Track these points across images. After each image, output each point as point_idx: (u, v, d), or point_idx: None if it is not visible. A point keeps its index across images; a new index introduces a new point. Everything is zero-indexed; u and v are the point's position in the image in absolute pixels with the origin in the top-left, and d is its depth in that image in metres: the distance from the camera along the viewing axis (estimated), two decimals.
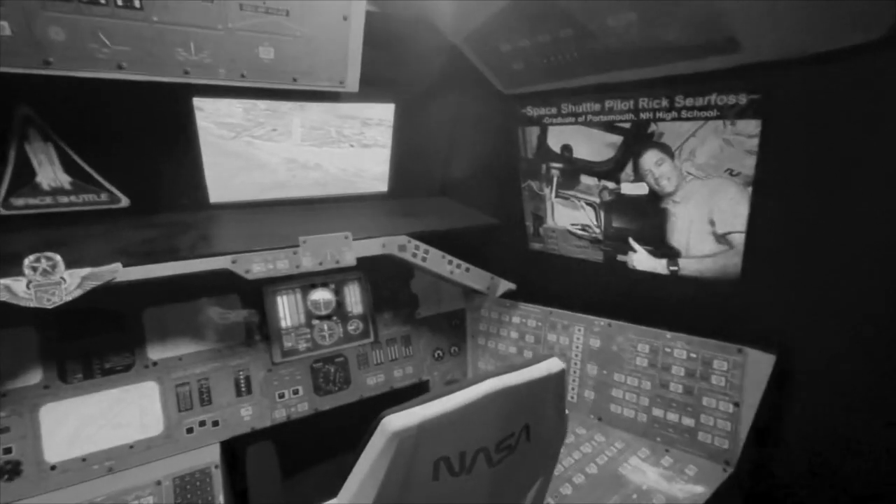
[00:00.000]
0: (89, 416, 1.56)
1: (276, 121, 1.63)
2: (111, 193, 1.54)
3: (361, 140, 1.89)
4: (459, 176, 2.21)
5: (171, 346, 1.71)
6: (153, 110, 1.46)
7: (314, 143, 1.78)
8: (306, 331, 1.97)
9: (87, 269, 1.30)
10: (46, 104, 1.32)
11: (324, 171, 1.91)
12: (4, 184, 1.37)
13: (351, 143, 1.87)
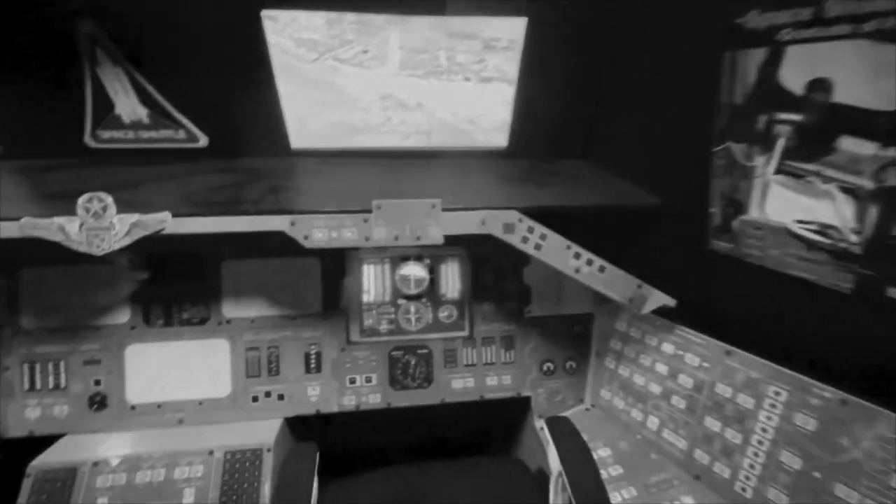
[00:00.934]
0: (167, 364, 1.52)
1: (368, 39, 1.23)
2: (189, 131, 1.37)
3: (480, 71, 1.38)
4: (611, 131, 1.55)
5: (245, 305, 1.57)
6: (220, 27, 1.20)
7: (416, 73, 1.33)
8: (390, 310, 1.65)
9: (136, 216, 1.14)
10: (107, 17, 1.15)
11: (428, 112, 1.47)
12: (88, 113, 1.28)
13: (467, 74, 1.37)
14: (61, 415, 1.46)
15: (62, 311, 1.48)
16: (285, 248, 1.49)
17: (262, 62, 1.24)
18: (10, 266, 1.46)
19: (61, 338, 1.48)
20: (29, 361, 1.46)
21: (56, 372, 1.47)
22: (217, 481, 1.35)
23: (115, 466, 1.34)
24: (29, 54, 1.16)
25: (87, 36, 1.14)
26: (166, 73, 1.27)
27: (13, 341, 1.46)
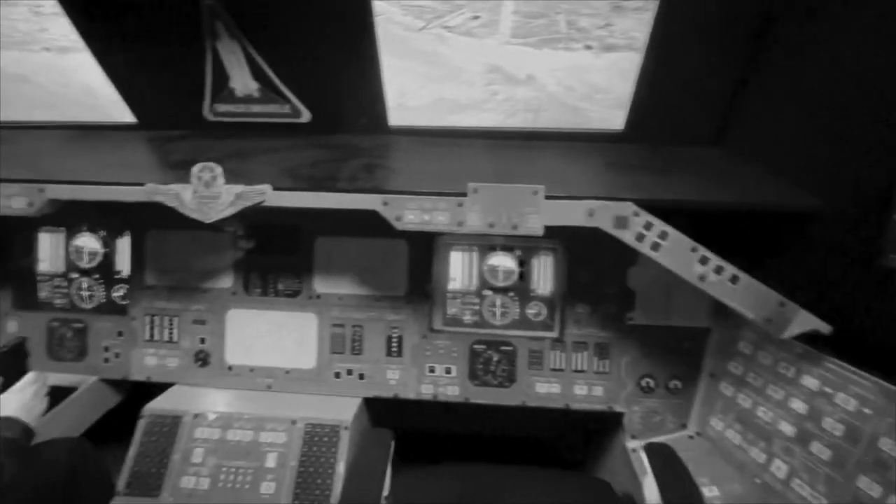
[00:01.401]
0: (261, 331, 1.59)
1: (481, 3, 1.11)
2: (293, 106, 1.39)
3: (606, 38, 1.17)
4: (756, 114, 1.28)
5: (335, 281, 1.58)
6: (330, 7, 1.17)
7: (529, 41, 1.17)
8: (475, 301, 1.57)
9: (240, 187, 1.17)
10: None
11: (538, 87, 1.30)
12: (208, 87, 1.34)
13: (588, 41, 1.17)
14: (172, 366, 1.61)
15: (178, 271, 1.62)
16: (377, 227, 1.47)
17: (366, 32, 1.19)
18: (140, 227, 1.62)
19: (176, 296, 1.61)
20: (150, 314, 1.62)
21: (170, 327, 1.61)
22: (297, 451, 1.38)
23: (211, 421, 1.44)
24: (160, 28, 1.23)
25: (209, 9, 1.18)
26: (277, 47, 1.28)
27: (140, 294, 1.62)
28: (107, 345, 1.64)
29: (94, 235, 1.67)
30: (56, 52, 1.31)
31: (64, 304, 1.67)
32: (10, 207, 1.25)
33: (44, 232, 1.67)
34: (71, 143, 1.53)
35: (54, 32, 1.26)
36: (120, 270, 1.66)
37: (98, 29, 1.27)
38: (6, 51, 1.34)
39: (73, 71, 1.37)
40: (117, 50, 1.31)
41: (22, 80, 1.40)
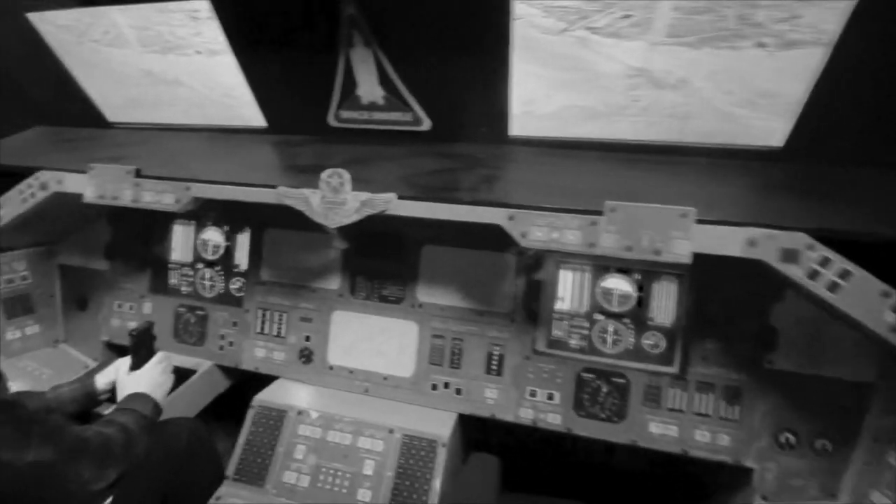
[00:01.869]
0: (363, 335, 1.61)
1: (635, 1, 1.01)
2: (415, 114, 1.38)
3: (786, 33, 0.99)
4: None
5: (439, 292, 1.56)
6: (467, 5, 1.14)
7: (687, 40, 1.04)
8: (585, 325, 1.46)
9: (366, 195, 1.17)
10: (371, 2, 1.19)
11: (690, 91, 1.15)
12: (336, 94, 1.37)
13: (762, 38, 1.00)
14: (278, 359, 1.67)
15: (291, 270, 1.68)
16: (485, 240, 1.42)
17: (501, 38, 1.15)
18: (259, 225, 1.71)
19: (287, 293, 1.68)
20: (262, 308, 1.70)
21: (280, 322, 1.68)
22: (393, 462, 1.37)
23: (313, 419, 1.47)
24: (299, 35, 1.28)
25: (349, 18, 1.20)
26: (408, 56, 1.28)
27: (254, 289, 1.71)
28: (223, 333, 1.75)
29: (218, 230, 1.79)
30: (206, 55, 1.41)
31: (189, 292, 1.81)
32: (160, 203, 1.36)
33: (177, 224, 1.83)
34: (208, 144, 1.66)
35: (207, 36, 1.36)
36: (238, 264, 1.77)
37: (244, 33, 1.35)
38: (164, 55, 1.48)
39: (218, 73, 1.48)
40: (258, 54, 1.39)
41: (176, 83, 1.54)
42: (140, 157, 1.55)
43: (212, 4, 1.27)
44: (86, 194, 1.42)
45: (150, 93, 1.61)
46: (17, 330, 1.82)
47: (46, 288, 1.89)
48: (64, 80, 1.66)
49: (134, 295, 1.85)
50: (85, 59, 1.58)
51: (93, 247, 1.88)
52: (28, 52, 1.60)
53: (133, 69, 1.55)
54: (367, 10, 1.20)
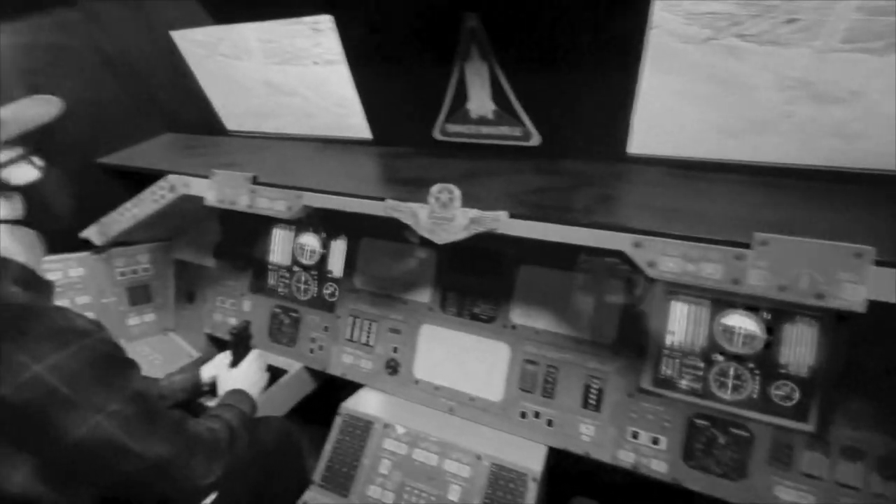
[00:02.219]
0: (450, 351, 1.57)
1: (803, 2, 0.88)
2: (525, 129, 1.33)
3: None
4: None
5: (534, 314, 1.48)
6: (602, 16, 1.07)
7: (868, 47, 0.89)
8: (699, 365, 1.31)
9: (476, 212, 1.13)
10: (493, 14, 1.15)
11: (864, 106, 0.98)
12: (445, 107, 1.36)
13: None
14: (365, 368, 1.68)
15: (383, 280, 1.69)
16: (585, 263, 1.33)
17: (633, 50, 1.06)
18: (355, 233, 1.75)
19: (378, 302, 1.69)
20: (353, 316, 1.73)
21: (369, 331, 1.69)
22: (480, 490, 1.30)
23: (399, 435, 1.44)
24: (414, 47, 1.28)
25: (469, 31, 1.18)
26: (526, 69, 1.24)
27: (346, 296, 1.74)
28: (314, 336, 1.79)
29: (316, 235, 1.85)
30: (322, 65, 1.46)
31: (285, 293, 1.89)
32: (272, 209, 1.42)
33: (278, 228, 1.92)
34: (316, 153, 1.72)
35: (325, 47, 1.40)
36: (331, 270, 1.82)
37: (360, 45, 1.38)
38: (283, 66, 1.55)
39: (331, 84, 1.53)
40: (370, 66, 1.41)
41: (293, 93, 1.61)
42: (253, 163, 1.64)
43: (334, 18, 1.31)
44: (207, 198, 1.52)
45: (267, 103, 1.71)
46: (138, 316, 2.00)
47: (163, 280, 2.07)
48: (193, 91, 1.80)
49: (235, 292, 1.96)
50: (213, 71, 1.71)
51: (203, 245, 2.03)
52: (166, 66, 1.76)
53: (254, 80, 1.64)
54: (490, 22, 1.17)
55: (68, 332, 0.83)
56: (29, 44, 1.67)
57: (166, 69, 1.79)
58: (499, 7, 1.14)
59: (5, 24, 1.62)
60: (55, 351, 0.79)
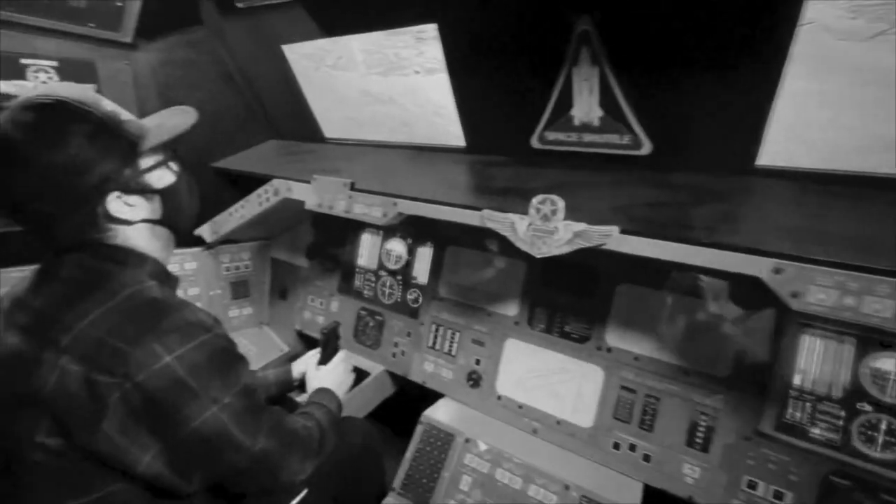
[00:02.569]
0: (536, 369, 1.50)
1: None
2: (635, 136, 1.23)
3: None
4: None
5: (632, 337, 1.36)
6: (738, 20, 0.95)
7: None
8: (839, 413, 1.12)
9: (582, 225, 1.05)
10: (608, 16, 1.08)
11: None
12: (546, 114, 1.30)
13: None
14: (446, 377, 1.66)
15: (468, 289, 1.66)
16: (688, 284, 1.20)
17: (777, 49, 0.93)
18: (442, 241, 1.74)
19: (462, 312, 1.66)
20: (436, 323, 1.71)
21: (451, 340, 1.67)
22: None
23: (481, 451, 1.40)
24: (520, 51, 1.24)
25: (581, 34, 1.11)
26: (640, 74, 1.14)
27: (430, 303, 1.74)
28: (397, 341, 1.81)
29: (402, 241, 1.87)
30: (423, 74, 1.47)
31: (370, 296, 1.93)
32: (368, 215, 1.45)
33: (366, 233, 1.97)
34: (409, 160, 1.74)
35: (428, 55, 1.41)
36: (416, 276, 1.82)
37: (462, 52, 1.36)
38: (385, 76, 1.58)
39: (431, 92, 1.53)
40: (471, 73, 1.39)
41: (390, 101, 1.65)
42: (350, 170, 1.69)
43: (437, 26, 1.31)
44: (308, 201, 1.59)
45: (364, 112, 1.76)
46: (237, 309, 2.15)
47: (260, 276, 2.21)
48: (297, 100, 1.91)
49: (324, 292, 2.04)
50: (317, 82, 1.80)
51: (297, 245, 2.14)
52: (275, 77, 1.88)
53: (354, 90, 1.70)
54: (604, 25, 1.09)
55: (194, 326, 0.88)
56: (164, 60, 1.87)
57: (275, 80, 1.91)
58: (616, 8, 1.06)
59: (145, 44, 1.83)
60: (182, 343, 0.85)
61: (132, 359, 0.80)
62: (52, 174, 0.82)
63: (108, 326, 0.82)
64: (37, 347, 0.80)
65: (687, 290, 1.29)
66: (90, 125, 0.85)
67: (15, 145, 0.80)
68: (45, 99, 0.83)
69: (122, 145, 0.90)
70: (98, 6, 1.62)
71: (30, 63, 1.61)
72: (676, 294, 1.30)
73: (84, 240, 0.90)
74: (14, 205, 0.84)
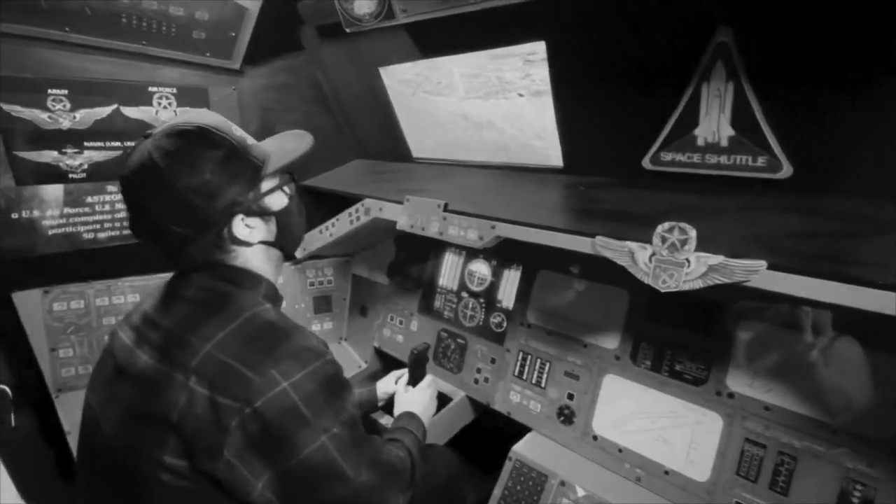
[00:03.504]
0: (641, 410, 1.36)
1: None
2: (773, 158, 1.09)
3: None
4: None
5: (762, 384, 1.20)
6: None
7: None
8: None
9: (719, 258, 0.93)
10: (751, 29, 0.97)
11: None
12: (664, 133, 1.20)
13: None
14: (534, 411, 1.56)
15: (561, 318, 1.57)
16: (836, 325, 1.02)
17: None
18: (532, 264, 1.66)
19: (553, 341, 1.56)
20: (523, 351, 1.63)
21: (541, 371, 1.57)
22: None
23: (579, 498, 1.28)
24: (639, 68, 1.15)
25: (717, 47, 1.01)
26: (785, 88, 1.01)
27: (517, 329, 1.66)
28: (480, 367, 1.74)
29: (486, 263, 1.81)
30: (528, 97, 1.42)
31: (451, 318, 1.88)
32: (463, 238, 1.40)
33: (449, 252, 1.93)
34: (501, 181, 1.69)
35: (535, 77, 1.36)
36: (501, 300, 1.75)
37: (569, 68, 1.30)
38: (485, 100, 1.55)
39: (534, 114, 1.47)
40: (577, 90, 1.32)
41: (488, 125, 1.61)
42: (439, 190, 1.67)
43: (546, 44, 1.25)
44: (399, 222, 1.58)
45: (460, 136, 1.74)
46: (319, 324, 2.19)
47: (342, 292, 2.25)
48: (388, 121, 1.93)
49: (405, 311, 2.02)
50: (412, 106, 1.81)
51: (378, 263, 2.16)
52: (368, 98, 1.92)
53: (451, 115, 1.68)
54: (746, 35, 0.98)
55: (308, 352, 0.87)
56: (266, 84, 1.97)
57: (367, 101, 1.95)
58: (760, 19, 0.95)
59: (250, 69, 1.95)
60: (297, 369, 0.84)
61: (253, 384, 0.79)
62: (189, 198, 0.85)
63: (231, 350, 0.82)
64: (168, 367, 0.82)
65: (834, 331, 1.11)
66: (223, 150, 0.88)
67: (158, 171, 0.84)
68: (187, 126, 0.86)
69: (249, 170, 0.92)
70: (215, 37, 1.74)
71: (155, 90, 1.76)
72: (819, 335, 1.13)
73: (209, 260, 0.93)
74: (154, 227, 0.87)
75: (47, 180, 1.64)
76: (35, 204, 1.64)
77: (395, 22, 1.30)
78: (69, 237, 1.73)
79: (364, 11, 1.32)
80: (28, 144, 1.58)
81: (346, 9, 1.37)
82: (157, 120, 1.79)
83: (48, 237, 1.68)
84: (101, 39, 1.58)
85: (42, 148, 1.61)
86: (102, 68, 1.65)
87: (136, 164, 0.85)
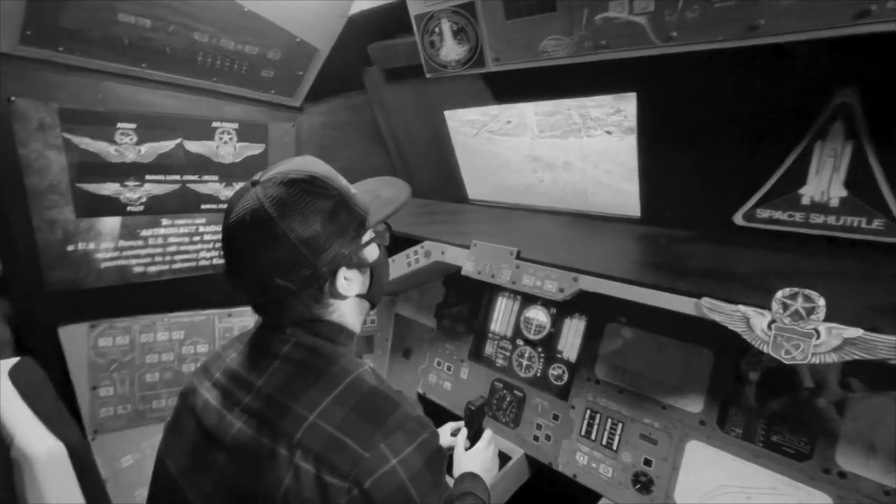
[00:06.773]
0: (733, 484, 1.25)
1: None
2: (889, 221, 1.03)
3: None
4: None
5: (879, 464, 1.09)
6: None
7: None
8: None
9: (858, 332, 0.86)
10: (877, 89, 0.94)
11: None
12: (763, 190, 1.15)
13: None
14: (604, 475, 1.45)
15: (636, 375, 1.48)
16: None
17: None
18: (600, 315, 1.58)
19: (626, 401, 1.47)
20: (592, 409, 1.53)
21: (612, 432, 1.47)
22: None
23: None
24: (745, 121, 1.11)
25: (837, 106, 0.97)
26: None
27: (584, 385, 1.56)
28: (540, 423, 1.64)
29: (545, 310, 1.74)
30: (618, 135, 1.37)
31: (503, 366, 1.79)
32: (540, 289, 1.34)
33: (503, 296, 1.86)
34: (568, 227, 1.64)
35: (627, 113, 1.31)
36: (562, 351, 1.67)
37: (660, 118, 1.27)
38: (564, 139, 1.50)
39: (620, 155, 1.42)
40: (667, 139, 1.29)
41: (564, 167, 1.56)
42: (502, 234, 1.62)
43: (637, 95, 1.23)
44: (465, 268, 1.52)
45: (527, 178, 1.69)
46: None
47: (384, 332, 2.17)
48: (445, 162, 1.91)
49: (454, 357, 1.94)
50: (473, 146, 1.78)
51: (425, 303, 2.08)
52: (427, 139, 1.91)
53: (518, 155, 1.65)
54: (869, 96, 0.95)
55: (414, 423, 0.80)
56: (324, 122, 1.97)
57: (427, 141, 1.94)
58: (886, 80, 0.92)
59: (310, 107, 1.95)
60: (406, 444, 0.77)
61: (362, 462, 0.72)
62: (300, 250, 0.79)
63: (336, 420, 0.76)
64: (269, 440, 0.75)
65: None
66: (333, 201, 0.84)
67: (269, 221, 0.79)
68: (299, 174, 0.82)
69: (355, 221, 0.87)
70: (282, 75, 1.75)
71: (218, 125, 1.75)
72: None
73: (308, 315, 0.87)
74: (258, 279, 0.82)
75: (106, 212, 1.61)
76: (92, 236, 1.60)
77: (484, 70, 1.28)
78: (120, 270, 1.68)
79: (452, 58, 1.31)
80: (92, 177, 1.56)
81: (430, 55, 1.36)
82: (217, 154, 1.78)
83: (100, 270, 1.64)
84: (174, 76, 1.59)
85: (105, 180, 1.59)
86: (170, 102, 1.65)
87: (246, 211, 0.80)
